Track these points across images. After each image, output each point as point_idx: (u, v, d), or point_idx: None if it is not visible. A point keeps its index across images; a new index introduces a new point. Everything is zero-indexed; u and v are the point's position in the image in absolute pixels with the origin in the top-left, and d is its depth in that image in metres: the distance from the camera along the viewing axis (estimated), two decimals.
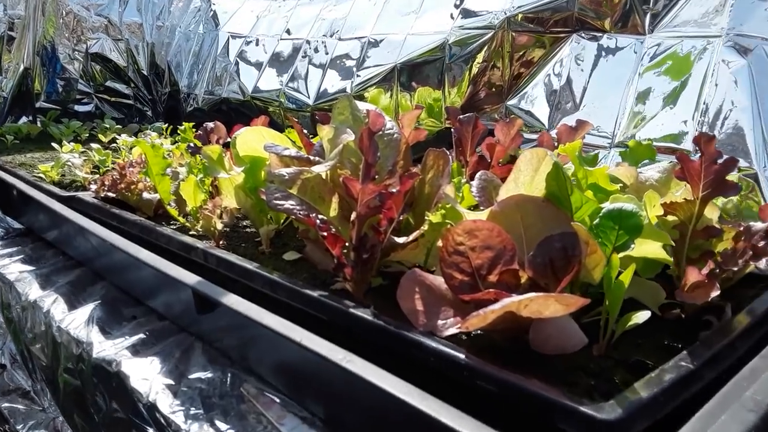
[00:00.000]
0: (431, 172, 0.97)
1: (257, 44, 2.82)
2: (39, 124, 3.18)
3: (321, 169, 0.94)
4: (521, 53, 1.88)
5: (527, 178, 0.84)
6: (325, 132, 1.02)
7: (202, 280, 0.84)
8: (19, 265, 1.49)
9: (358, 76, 2.26)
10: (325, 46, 2.47)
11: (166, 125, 2.76)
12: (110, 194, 1.56)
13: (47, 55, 3.28)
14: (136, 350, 0.92)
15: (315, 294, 0.84)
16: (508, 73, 1.89)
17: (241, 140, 1.22)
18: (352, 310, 0.78)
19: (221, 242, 1.23)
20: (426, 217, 0.87)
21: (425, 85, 2.07)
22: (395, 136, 1.01)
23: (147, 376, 0.84)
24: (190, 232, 1.27)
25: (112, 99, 3.47)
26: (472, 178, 1.08)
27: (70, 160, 1.90)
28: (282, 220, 1.31)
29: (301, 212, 0.91)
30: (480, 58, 1.91)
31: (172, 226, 1.31)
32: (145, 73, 3.46)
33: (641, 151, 1.14)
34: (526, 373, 0.60)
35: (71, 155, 1.95)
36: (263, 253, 1.18)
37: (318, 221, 0.85)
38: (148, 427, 0.82)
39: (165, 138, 2.53)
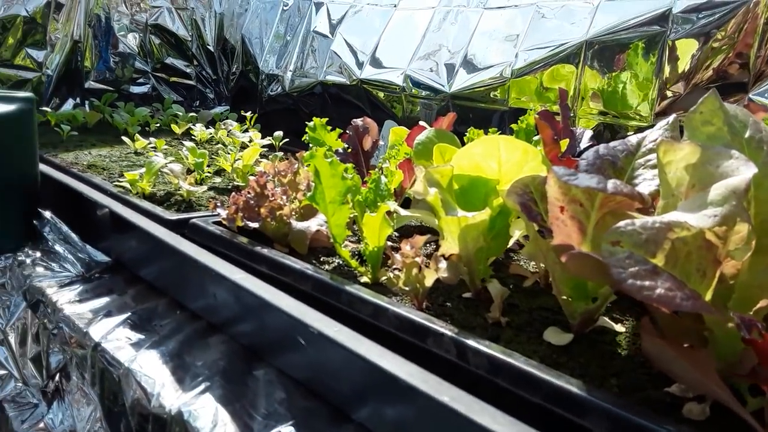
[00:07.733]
0: None
1: (366, 14, 2.30)
2: (87, 107, 2.69)
3: (706, 223, 0.51)
4: None
5: None
6: (684, 152, 0.61)
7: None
8: (125, 330, 1.03)
9: (517, 56, 1.76)
10: (465, 17, 1.96)
11: (250, 114, 2.28)
12: (250, 224, 1.09)
13: (100, 26, 2.76)
14: None
15: None
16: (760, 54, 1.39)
17: (466, 155, 0.87)
18: None
19: (424, 304, 0.84)
20: None
21: (624, 68, 1.58)
22: None
23: None
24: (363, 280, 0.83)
25: (171, 79, 2.97)
26: None
27: (167, 166, 1.43)
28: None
29: (685, 301, 0.50)
30: (722, 34, 1.41)
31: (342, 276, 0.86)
32: (210, 48, 2.95)
33: None
34: None
35: (164, 158, 1.48)
36: (499, 323, 0.79)
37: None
38: None
39: (253, 131, 2.05)
